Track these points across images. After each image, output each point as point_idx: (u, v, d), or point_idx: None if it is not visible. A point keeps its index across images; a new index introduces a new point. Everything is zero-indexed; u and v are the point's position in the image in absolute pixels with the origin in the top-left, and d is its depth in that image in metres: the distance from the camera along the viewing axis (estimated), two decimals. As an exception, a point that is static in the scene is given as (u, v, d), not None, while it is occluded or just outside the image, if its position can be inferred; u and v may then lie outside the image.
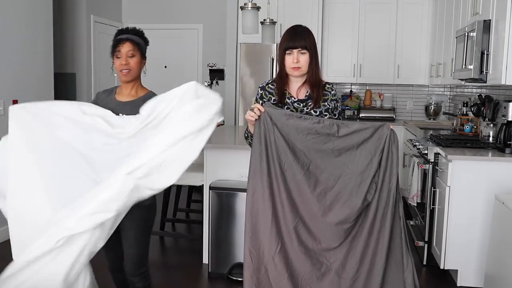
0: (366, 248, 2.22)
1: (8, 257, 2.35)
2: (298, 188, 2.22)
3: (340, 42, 6.32)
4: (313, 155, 2.23)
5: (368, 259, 2.22)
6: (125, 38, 2.51)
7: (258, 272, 2.20)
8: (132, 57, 2.50)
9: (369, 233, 2.22)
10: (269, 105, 2.31)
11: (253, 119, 2.23)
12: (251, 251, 2.21)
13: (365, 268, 2.22)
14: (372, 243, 2.22)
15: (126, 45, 2.49)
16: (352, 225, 2.22)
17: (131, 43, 2.51)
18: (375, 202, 2.22)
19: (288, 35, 2.36)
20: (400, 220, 2.25)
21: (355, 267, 2.22)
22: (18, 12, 4.49)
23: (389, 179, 2.23)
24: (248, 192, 2.24)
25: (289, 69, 2.36)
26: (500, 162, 3.36)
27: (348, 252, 2.23)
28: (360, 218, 2.23)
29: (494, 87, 4.34)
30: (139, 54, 2.53)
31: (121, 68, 2.50)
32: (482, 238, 3.40)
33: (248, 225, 2.23)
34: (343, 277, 2.22)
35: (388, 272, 2.25)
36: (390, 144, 2.24)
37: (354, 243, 2.23)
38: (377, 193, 2.22)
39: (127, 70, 2.50)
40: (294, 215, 2.22)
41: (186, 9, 6.90)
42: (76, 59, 6.11)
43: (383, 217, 2.22)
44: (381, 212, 2.22)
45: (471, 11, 4.08)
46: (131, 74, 2.51)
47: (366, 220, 2.23)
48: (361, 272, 2.22)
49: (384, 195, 2.22)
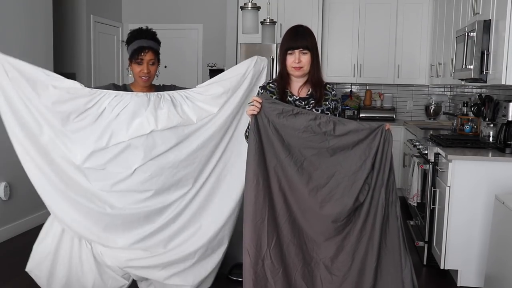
0: (357, 247, 2.25)
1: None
2: (290, 183, 2.24)
3: (340, 42, 6.31)
4: (307, 152, 2.24)
5: (359, 257, 2.25)
6: (147, 46, 2.61)
7: (256, 266, 2.22)
8: (153, 65, 2.64)
9: (361, 233, 2.25)
10: (267, 97, 2.31)
11: (255, 112, 2.23)
12: (249, 245, 2.23)
13: (356, 266, 2.25)
14: (363, 242, 2.25)
15: (148, 54, 2.62)
16: (344, 223, 2.25)
17: (153, 52, 2.63)
18: (367, 203, 2.25)
19: (290, 35, 2.37)
20: (397, 221, 2.27)
21: (347, 265, 2.25)
22: (18, 12, 4.49)
23: (382, 181, 2.25)
24: (245, 185, 2.26)
25: (291, 69, 2.37)
26: (500, 162, 3.36)
27: (339, 249, 2.26)
28: (352, 217, 2.26)
29: (494, 87, 4.34)
30: (157, 61, 2.68)
31: (142, 75, 2.63)
32: (482, 238, 3.40)
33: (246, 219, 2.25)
34: (335, 274, 2.25)
35: (385, 272, 2.27)
36: (384, 146, 2.25)
37: (346, 241, 2.27)
38: (370, 194, 2.25)
39: (147, 77, 2.64)
40: (286, 209, 2.25)
41: (186, 9, 6.90)
42: (76, 59, 6.11)
43: (375, 218, 2.25)
44: (373, 212, 2.25)
45: (471, 11, 4.08)
46: (150, 80, 2.68)
47: (359, 219, 2.26)
48: (353, 270, 2.25)
49: (376, 196, 2.25)
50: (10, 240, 4.35)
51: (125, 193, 2.50)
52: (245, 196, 2.25)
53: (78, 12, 6.07)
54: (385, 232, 2.27)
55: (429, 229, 3.80)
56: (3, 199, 4.31)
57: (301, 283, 2.27)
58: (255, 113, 2.23)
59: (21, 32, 4.54)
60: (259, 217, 2.21)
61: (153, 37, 2.67)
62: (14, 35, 4.45)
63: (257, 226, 2.21)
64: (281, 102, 2.31)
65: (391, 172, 2.27)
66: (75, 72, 6.11)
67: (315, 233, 2.26)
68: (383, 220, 2.25)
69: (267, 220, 2.21)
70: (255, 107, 2.23)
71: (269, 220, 2.22)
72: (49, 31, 4.96)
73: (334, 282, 2.25)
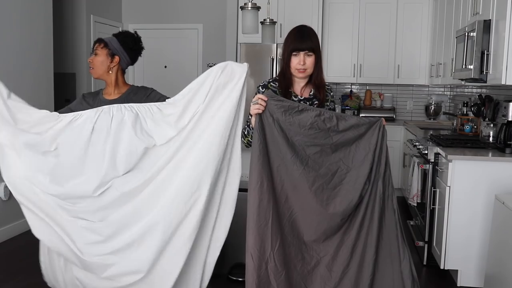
0: (357, 241, 2.25)
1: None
2: (294, 182, 2.22)
3: (340, 42, 6.31)
4: (311, 151, 2.23)
5: (359, 252, 2.25)
6: (99, 39, 2.70)
7: (260, 269, 2.20)
8: (96, 56, 2.66)
9: (360, 227, 2.25)
10: (272, 94, 2.26)
11: (260, 111, 2.19)
12: (252, 248, 2.20)
13: (355, 260, 2.25)
14: (362, 236, 2.25)
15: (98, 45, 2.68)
16: (345, 219, 2.25)
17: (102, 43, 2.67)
18: (367, 197, 2.26)
19: (295, 36, 2.34)
20: (394, 214, 2.28)
21: (347, 261, 2.25)
22: (18, 12, 4.49)
23: (379, 174, 2.27)
24: (249, 187, 2.22)
25: (294, 71, 2.35)
26: (500, 162, 3.36)
27: (340, 245, 2.26)
28: (353, 212, 2.26)
29: (494, 87, 4.34)
30: (106, 54, 2.66)
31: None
32: (482, 238, 3.40)
33: (249, 222, 2.22)
34: (334, 270, 2.25)
35: (383, 265, 2.28)
36: (382, 140, 2.27)
37: (346, 236, 2.26)
38: (369, 188, 2.26)
39: (91, 68, 2.68)
40: (287, 210, 2.24)
41: (186, 9, 6.90)
42: (76, 59, 6.11)
43: (372, 212, 2.26)
44: (371, 206, 2.26)
45: (471, 11, 4.08)
46: (94, 72, 2.68)
47: (358, 214, 2.26)
48: (352, 265, 2.25)
49: (374, 190, 2.26)
50: (10, 240, 4.35)
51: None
52: (249, 198, 2.20)
53: (78, 12, 6.07)
54: (382, 225, 2.28)
55: (429, 229, 3.80)
56: (3, 199, 4.31)
57: (301, 283, 2.26)
58: (261, 111, 2.18)
59: (21, 32, 4.54)
60: (263, 219, 2.18)
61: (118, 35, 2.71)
62: (14, 35, 4.45)
63: (261, 228, 2.18)
64: (285, 99, 2.27)
65: (387, 165, 2.28)
66: (75, 72, 6.12)
67: (316, 233, 2.24)
68: (380, 213, 2.25)
69: (271, 222, 2.19)
70: (260, 106, 2.18)
71: (273, 222, 2.19)
72: (49, 31, 4.96)
73: (334, 279, 2.25)
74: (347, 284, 2.25)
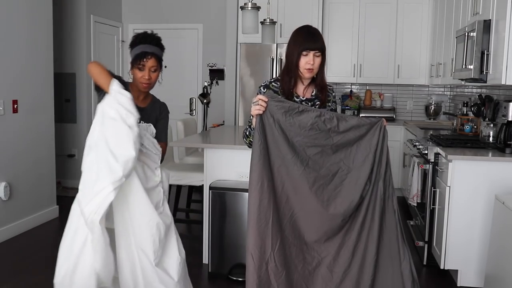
0: (358, 242, 2.25)
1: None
2: (295, 184, 2.22)
3: (340, 42, 6.31)
4: (311, 151, 2.23)
5: (360, 252, 2.25)
6: (150, 52, 2.53)
7: (260, 269, 2.20)
8: (154, 72, 2.55)
9: (361, 227, 2.26)
10: (272, 95, 2.26)
11: (261, 112, 2.19)
12: (253, 248, 2.20)
13: (357, 261, 2.25)
14: (363, 237, 2.25)
15: (151, 60, 2.53)
16: (346, 219, 2.25)
17: (156, 59, 2.54)
18: (367, 197, 2.26)
19: (305, 36, 2.32)
20: (394, 214, 2.28)
21: (348, 261, 2.25)
22: (18, 12, 4.49)
23: (380, 175, 2.27)
24: (250, 187, 2.22)
25: (303, 70, 2.33)
26: (500, 162, 3.36)
27: (341, 246, 2.26)
28: (354, 212, 2.26)
29: (494, 87, 4.34)
30: (159, 68, 2.59)
31: (143, 81, 2.54)
32: (482, 238, 3.40)
33: (250, 222, 2.22)
34: (335, 271, 2.25)
35: (384, 265, 2.28)
36: (383, 140, 2.26)
37: (347, 237, 2.27)
38: (370, 189, 2.26)
39: (148, 84, 2.56)
40: (288, 210, 2.23)
41: (186, 9, 6.90)
42: (76, 59, 6.11)
43: (373, 212, 2.26)
44: (372, 206, 2.26)
45: (471, 11, 4.08)
46: (150, 87, 2.59)
47: (359, 214, 2.26)
48: (353, 265, 2.25)
49: (375, 190, 2.26)
50: (10, 240, 4.35)
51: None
52: (249, 198, 2.21)
53: (78, 12, 6.07)
54: (383, 225, 2.28)
55: (429, 229, 3.80)
56: (3, 199, 4.31)
57: (302, 284, 2.26)
58: (261, 112, 2.19)
59: (21, 32, 4.54)
60: (263, 219, 2.18)
61: (158, 43, 2.58)
62: (14, 35, 4.45)
63: (261, 229, 2.18)
64: (286, 100, 2.27)
65: (388, 166, 2.28)
66: (75, 72, 6.12)
67: (317, 233, 2.24)
68: (381, 213, 2.26)
69: (272, 222, 2.19)
70: (261, 107, 2.18)
71: (273, 223, 2.19)
72: (49, 31, 4.96)
73: (335, 280, 2.25)
74: (348, 284, 2.25)
